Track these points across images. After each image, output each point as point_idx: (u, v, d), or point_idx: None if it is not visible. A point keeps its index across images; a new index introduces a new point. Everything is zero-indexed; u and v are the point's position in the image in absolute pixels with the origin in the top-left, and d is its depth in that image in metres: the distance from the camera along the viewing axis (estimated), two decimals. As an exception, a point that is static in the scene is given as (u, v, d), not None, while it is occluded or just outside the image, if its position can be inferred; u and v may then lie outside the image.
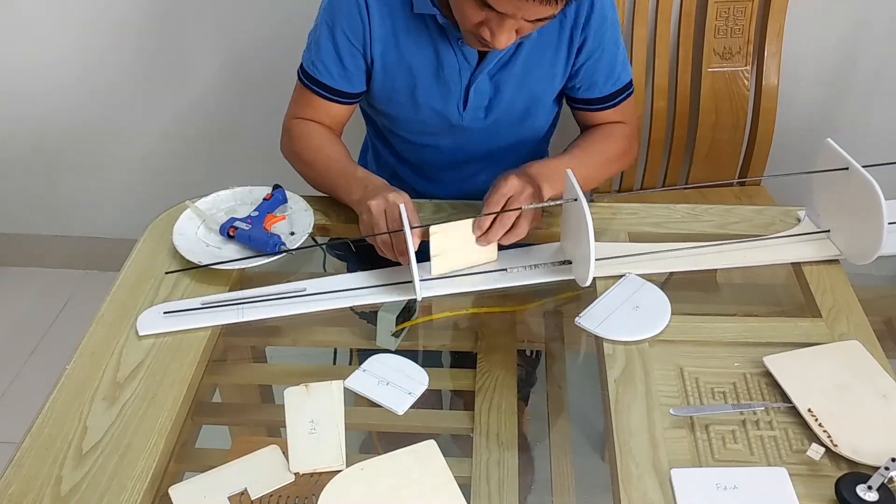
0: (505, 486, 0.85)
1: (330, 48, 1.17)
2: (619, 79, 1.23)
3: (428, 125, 1.24)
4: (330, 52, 1.17)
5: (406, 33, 1.15)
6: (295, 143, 1.25)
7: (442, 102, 1.20)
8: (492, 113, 1.22)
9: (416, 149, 1.30)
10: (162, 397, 0.92)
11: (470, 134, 1.25)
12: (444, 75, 1.18)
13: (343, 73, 1.19)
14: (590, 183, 1.22)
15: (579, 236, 1.01)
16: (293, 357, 1.14)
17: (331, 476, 0.82)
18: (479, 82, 1.18)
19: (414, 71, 1.18)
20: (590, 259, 0.98)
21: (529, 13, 0.97)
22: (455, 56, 1.16)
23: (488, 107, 1.21)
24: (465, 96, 1.20)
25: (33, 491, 0.82)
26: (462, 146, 1.28)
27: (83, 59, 1.92)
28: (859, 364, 0.93)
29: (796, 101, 1.78)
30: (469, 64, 1.16)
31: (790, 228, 1.15)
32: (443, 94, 1.20)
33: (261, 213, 1.14)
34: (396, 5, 1.14)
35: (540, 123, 1.29)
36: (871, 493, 0.77)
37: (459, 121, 1.23)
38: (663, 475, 0.82)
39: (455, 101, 1.20)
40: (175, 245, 1.10)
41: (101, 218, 2.22)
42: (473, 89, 1.19)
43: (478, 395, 0.96)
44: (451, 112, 1.22)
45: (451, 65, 1.16)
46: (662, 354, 0.96)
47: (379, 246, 1.05)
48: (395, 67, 1.18)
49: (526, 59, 1.17)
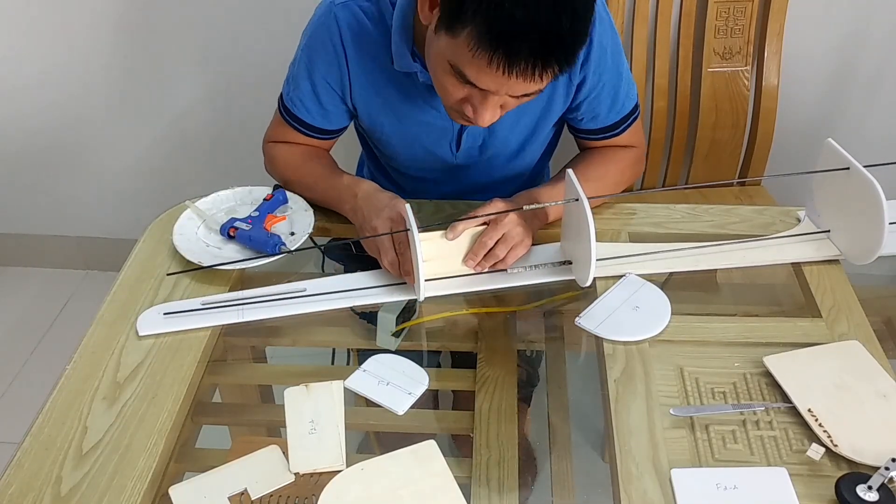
0: (505, 486, 0.85)
1: (308, 88, 1.16)
2: (622, 106, 1.18)
3: (421, 162, 1.24)
4: (308, 92, 1.16)
5: (389, 86, 1.13)
6: (277, 166, 1.24)
7: (434, 145, 1.20)
8: (487, 151, 1.21)
9: (411, 181, 1.30)
10: (162, 397, 0.92)
11: (466, 169, 1.24)
12: (434, 121, 1.15)
13: (322, 113, 1.18)
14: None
15: (580, 237, 1.01)
16: (293, 357, 1.14)
17: (331, 476, 0.82)
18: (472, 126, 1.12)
19: (402, 118, 1.17)
20: (590, 259, 0.98)
21: (514, 90, 0.92)
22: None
23: (482, 146, 1.20)
24: (457, 140, 1.19)
25: (33, 491, 0.82)
26: (458, 179, 1.27)
27: (83, 59, 1.92)
28: (859, 364, 0.93)
29: (796, 101, 1.78)
30: None
31: (790, 228, 1.15)
32: (434, 139, 1.19)
33: (261, 213, 1.14)
34: (379, 59, 1.11)
35: (538, 153, 1.27)
36: (871, 493, 0.77)
37: (453, 160, 1.22)
38: (663, 475, 0.82)
39: (447, 144, 1.19)
40: (175, 245, 1.10)
41: (101, 218, 2.22)
42: (466, 133, 1.17)
43: (478, 395, 0.96)
44: (444, 153, 1.21)
45: (442, 111, 1.10)
46: (662, 354, 0.96)
47: (386, 267, 1.05)
48: (381, 114, 1.17)
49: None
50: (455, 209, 1.21)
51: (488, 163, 1.23)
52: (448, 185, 1.28)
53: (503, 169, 1.25)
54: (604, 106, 1.17)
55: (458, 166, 1.23)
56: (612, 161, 1.22)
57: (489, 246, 1.04)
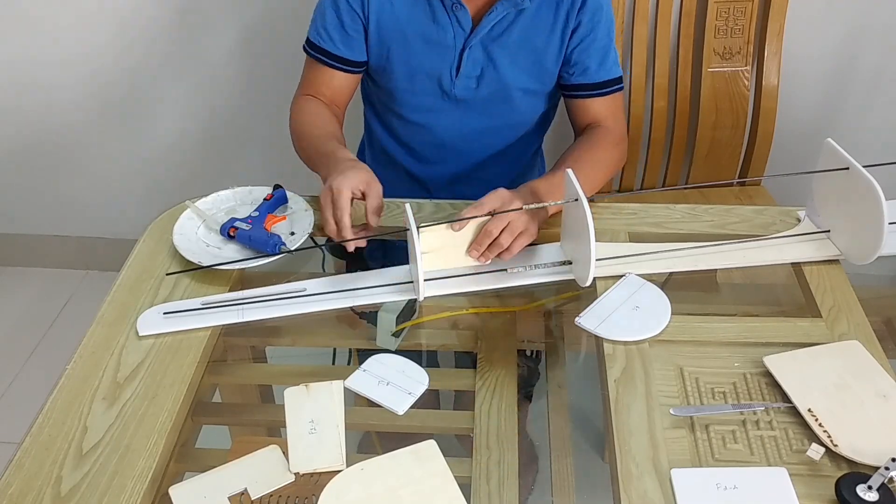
0: (505, 486, 0.85)
1: (333, 14, 1.22)
2: (610, 69, 1.25)
3: (421, 95, 1.26)
4: (333, 18, 1.22)
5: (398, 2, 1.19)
6: (293, 119, 1.28)
7: (435, 67, 1.23)
8: (484, 84, 1.24)
9: (411, 128, 1.32)
10: (162, 397, 0.92)
11: (463, 110, 1.27)
12: (438, 39, 1.20)
13: (345, 40, 1.23)
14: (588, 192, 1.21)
15: (580, 236, 1.01)
16: (293, 357, 1.14)
17: (331, 476, 0.82)
18: (473, 49, 1.20)
19: (408, 35, 1.21)
20: (590, 259, 0.98)
21: None
22: (450, 20, 1.18)
23: (480, 76, 1.23)
24: (458, 61, 1.22)
25: (33, 491, 0.82)
26: (454, 125, 1.29)
27: (83, 59, 1.92)
28: (859, 364, 0.93)
29: (796, 101, 1.78)
30: (463, 29, 1.19)
31: (790, 228, 1.15)
32: (436, 59, 1.22)
33: (261, 213, 1.14)
34: None
35: (532, 109, 1.30)
36: (871, 493, 0.77)
37: (451, 87, 1.24)
38: (663, 475, 0.82)
39: (448, 66, 1.22)
40: (175, 245, 1.10)
41: (101, 218, 2.22)
42: (467, 55, 1.21)
43: (478, 395, 0.95)
44: (444, 77, 1.24)
45: (446, 28, 1.19)
46: (662, 354, 0.96)
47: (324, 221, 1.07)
48: (390, 33, 1.22)
49: (521, 35, 1.19)
50: (455, 209, 1.21)
51: (485, 103, 1.26)
52: (448, 131, 1.30)
53: (499, 116, 1.28)
54: (594, 60, 1.23)
55: (457, 102, 1.26)
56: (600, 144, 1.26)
57: (494, 235, 1.04)
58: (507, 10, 1.17)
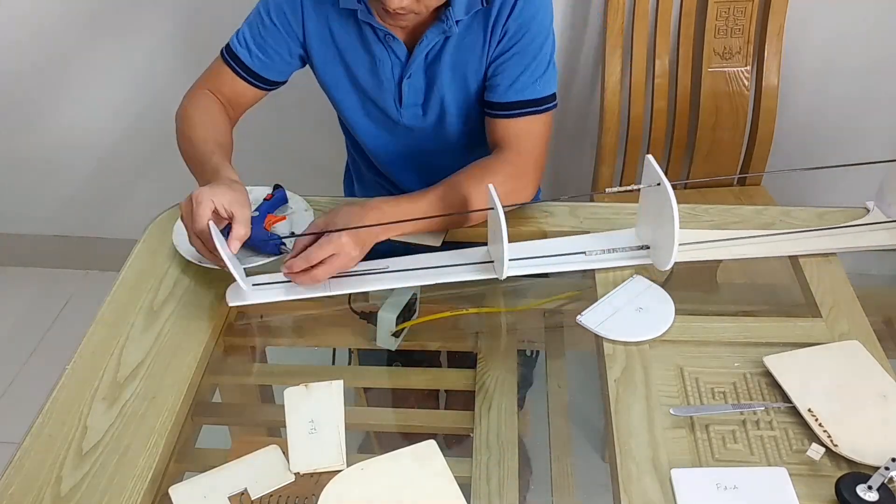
0: (505, 486, 0.85)
1: (257, 31, 1.21)
2: (524, 89, 1.15)
3: (373, 120, 1.26)
4: (256, 35, 1.21)
5: (339, 29, 1.18)
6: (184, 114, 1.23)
7: (380, 98, 1.22)
8: (430, 110, 1.23)
9: (369, 145, 1.31)
10: (162, 397, 0.92)
11: (415, 134, 1.26)
12: (377, 71, 1.19)
13: (262, 57, 1.21)
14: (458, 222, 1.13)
15: (660, 221, 1.01)
16: (293, 357, 1.14)
17: (331, 476, 0.82)
18: (413, 79, 1.19)
19: (351, 67, 1.20)
20: (673, 244, 0.98)
21: None
22: (386, 52, 1.17)
23: (425, 104, 1.22)
24: (399, 92, 1.20)
25: (33, 491, 0.82)
26: (410, 146, 1.28)
27: (83, 59, 1.92)
28: (859, 364, 0.93)
29: (796, 101, 1.78)
30: (399, 59, 1.17)
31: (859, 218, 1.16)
32: (380, 90, 1.21)
33: (261, 212, 1.13)
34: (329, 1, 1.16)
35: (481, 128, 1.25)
36: (871, 493, 0.77)
37: (399, 118, 1.23)
38: (663, 475, 0.82)
39: (391, 97, 1.21)
40: (175, 245, 1.10)
41: (101, 218, 2.22)
42: (406, 85, 1.19)
43: (478, 395, 0.96)
44: (389, 108, 1.23)
45: (383, 60, 1.17)
46: (662, 354, 0.96)
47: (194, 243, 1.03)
48: (333, 63, 1.21)
49: (454, 55, 1.16)
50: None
51: (435, 126, 1.25)
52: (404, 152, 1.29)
53: (451, 136, 1.26)
54: (504, 78, 1.15)
55: (407, 129, 1.25)
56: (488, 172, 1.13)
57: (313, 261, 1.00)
58: (437, 38, 1.14)
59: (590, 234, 1.14)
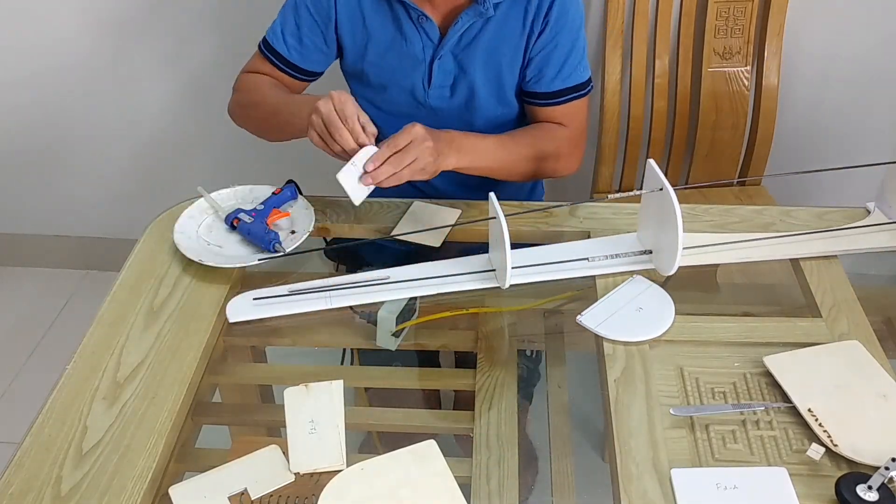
0: (505, 486, 0.85)
1: (292, 22, 1.23)
2: (569, 77, 1.22)
3: (398, 105, 1.27)
4: (291, 26, 1.23)
5: (371, 12, 1.20)
6: (240, 90, 1.28)
7: (408, 78, 1.23)
8: (457, 93, 1.24)
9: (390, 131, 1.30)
10: (162, 397, 0.92)
11: (439, 117, 1.26)
12: (408, 52, 1.21)
13: (299, 48, 1.24)
14: (509, 173, 1.22)
15: (663, 226, 1.01)
16: (293, 357, 1.14)
17: (331, 476, 0.82)
18: (443, 60, 1.20)
19: (381, 49, 1.22)
20: (677, 249, 0.98)
21: None
22: (418, 33, 1.19)
23: (453, 86, 1.23)
24: (429, 72, 1.22)
25: (33, 491, 0.82)
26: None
27: (83, 58, 1.92)
28: (859, 364, 0.93)
29: (796, 101, 1.78)
30: (431, 41, 1.19)
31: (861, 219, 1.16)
32: (409, 72, 1.22)
33: (266, 207, 1.14)
34: None
35: (509, 113, 1.29)
36: (871, 493, 0.77)
37: (426, 98, 1.24)
38: (663, 475, 0.82)
39: (420, 78, 1.23)
40: (176, 243, 1.11)
41: (101, 218, 2.22)
42: (437, 66, 1.21)
43: (478, 395, 0.95)
44: (417, 89, 1.24)
45: (415, 42, 1.20)
46: (662, 354, 0.96)
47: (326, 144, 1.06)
48: (364, 46, 1.22)
49: (489, 42, 1.19)
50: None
51: (461, 110, 1.26)
52: None
53: (476, 122, 1.27)
54: (551, 68, 1.21)
55: (433, 111, 1.26)
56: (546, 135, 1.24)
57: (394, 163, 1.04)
58: (472, 20, 1.16)
59: (591, 238, 1.13)
